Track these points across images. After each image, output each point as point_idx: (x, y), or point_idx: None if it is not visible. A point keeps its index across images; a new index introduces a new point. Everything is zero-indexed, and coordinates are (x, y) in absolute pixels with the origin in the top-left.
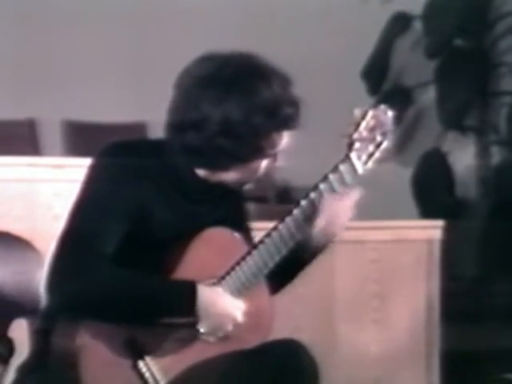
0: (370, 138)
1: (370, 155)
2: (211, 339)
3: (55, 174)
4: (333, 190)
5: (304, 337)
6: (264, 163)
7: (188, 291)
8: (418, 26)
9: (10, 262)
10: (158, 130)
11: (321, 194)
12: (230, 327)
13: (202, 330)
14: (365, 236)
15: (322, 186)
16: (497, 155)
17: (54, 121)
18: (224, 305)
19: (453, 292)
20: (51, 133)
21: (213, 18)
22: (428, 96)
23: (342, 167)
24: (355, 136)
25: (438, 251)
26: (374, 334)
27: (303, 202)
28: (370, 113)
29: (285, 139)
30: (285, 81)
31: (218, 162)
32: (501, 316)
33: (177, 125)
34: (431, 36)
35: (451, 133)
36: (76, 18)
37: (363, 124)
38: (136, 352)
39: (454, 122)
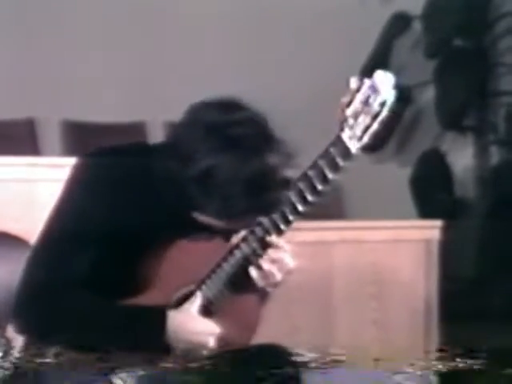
0: (366, 110)
1: (366, 128)
2: None
3: (54, 174)
4: (324, 177)
5: (302, 337)
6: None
7: (157, 319)
8: (417, 25)
9: (9, 262)
10: (157, 131)
11: (311, 183)
12: (202, 352)
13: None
14: (363, 236)
15: (310, 173)
16: (496, 155)
17: (53, 121)
18: (195, 331)
19: (451, 292)
20: (50, 133)
21: (213, 21)
22: (427, 96)
23: (332, 150)
24: (349, 111)
25: (436, 251)
26: (373, 335)
27: (291, 195)
28: (367, 81)
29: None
30: (283, 165)
31: (185, 200)
32: (499, 316)
33: (168, 147)
34: (431, 36)
35: (450, 133)
36: (76, 17)
37: (359, 95)
38: (110, 367)
39: (452, 121)
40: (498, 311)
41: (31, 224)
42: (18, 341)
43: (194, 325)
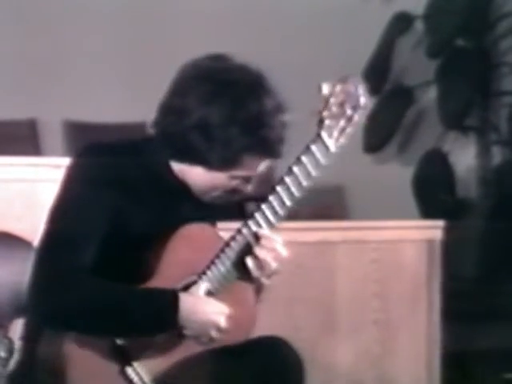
0: (341, 113)
1: (342, 130)
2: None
3: (56, 174)
4: (307, 173)
5: (304, 336)
6: (232, 181)
7: (170, 301)
8: (419, 25)
9: (10, 262)
10: None
11: (296, 178)
12: (213, 333)
13: (186, 335)
14: (365, 236)
15: (295, 169)
16: (498, 155)
17: (54, 121)
18: (206, 311)
19: (454, 292)
20: (52, 133)
21: (213, 18)
22: (429, 96)
23: (313, 147)
24: (325, 113)
25: (438, 251)
26: (375, 335)
27: (279, 188)
28: (339, 87)
29: (261, 166)
30: (278, 109)
31: (187, 156)
32: (502, 316)
33: (164, 105)
34: (432, 36)
35: (452, 133)
36: (77, 17)
37: (332, 100)
38: (123, 358)
39: (455, 121)
40: (501, 311)
41: (33, 224)
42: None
43: (204, 306)
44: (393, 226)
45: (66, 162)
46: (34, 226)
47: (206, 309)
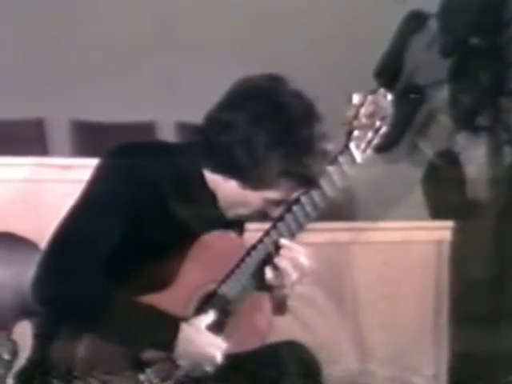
0: (370, 124)
1: (369, 142)
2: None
3: (62, 174)
4: (333, 183)
5: (310, 338)
6: (263, 203)
7: (170, 327)
8: (433, 24)
9: (16, 262)
10: (166, 130)
11: (321, 189)
12: (208, 368)
13: (180, 365)
14: (373, 237)
15: (321, 180)
16: (509, 155)
17: (62, 121)
18: (203, 343)
19: (462, 294)
20: (59, 133)
21: (215, 18)
22: (441, 95)
23: (341, 158)
24: (355, 124)
25: (447, 252)
26: (382, 336)
27: (303, 199)
28: (369, 98)
29: (295, 194)
30: (324, 137)
31: (225, 169)
32: (510, 318)
33: (212, 116)
34: (446, 35)
35: (463, 132)
36: (85, 17)
37: (362, 110)
38: (137, 365)
39: (466, 121)
40: (510, 313)
41: (39, 224)
42: (26, 342)
43: (202, 338)
44: (402, 227)
45: (72, 162)
46: (39, 227)
47: (203, 340)
